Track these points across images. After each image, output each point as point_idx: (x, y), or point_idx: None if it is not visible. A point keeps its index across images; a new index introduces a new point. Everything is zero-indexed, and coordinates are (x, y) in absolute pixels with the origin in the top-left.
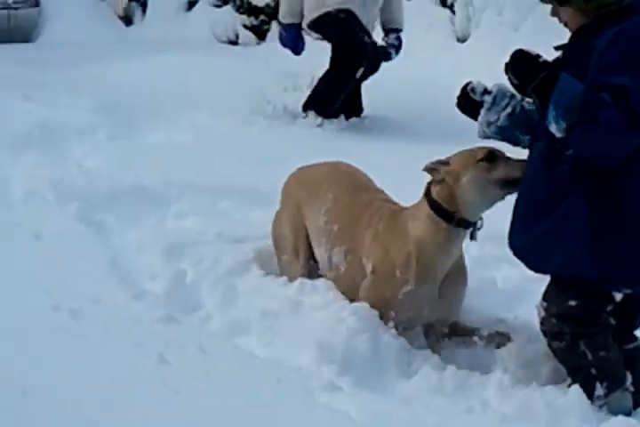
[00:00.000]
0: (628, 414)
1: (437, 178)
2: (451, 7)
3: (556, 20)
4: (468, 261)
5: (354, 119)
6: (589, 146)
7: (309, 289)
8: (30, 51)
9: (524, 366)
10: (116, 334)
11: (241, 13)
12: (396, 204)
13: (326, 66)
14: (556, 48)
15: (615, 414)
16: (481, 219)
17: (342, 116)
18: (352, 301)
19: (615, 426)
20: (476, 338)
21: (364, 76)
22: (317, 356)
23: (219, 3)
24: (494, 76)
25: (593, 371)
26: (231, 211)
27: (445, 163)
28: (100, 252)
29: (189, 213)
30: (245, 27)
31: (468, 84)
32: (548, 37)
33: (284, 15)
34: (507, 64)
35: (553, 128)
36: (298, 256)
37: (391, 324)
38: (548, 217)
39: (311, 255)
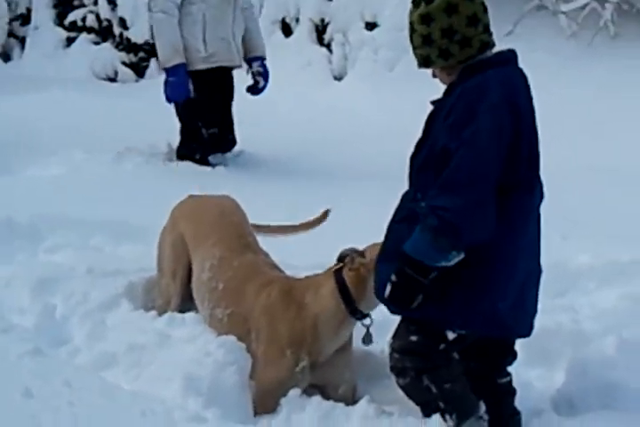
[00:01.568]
0: None
1: (352, 267)
2: (328, 46)
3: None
4: None
5: (229, 154)
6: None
7: (178, 322)
8: None
9: (390, 399)
10: None
11: (120, 50)
12: (278, 267)
13: None
14: (432, 102)
15: None
16: (371, 318)
17: (219, 154)
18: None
19: None
20: None
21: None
22: (184, 388)
23: (98, 39)
24: (369, 113)
25: (441, 404)
26: (102, 245)
27: (361, 254)
28: None
29: (61, 248)
30: (124, 64)
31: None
32: (422, 77)
33: (168, 56)
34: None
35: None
36: (175, 280)
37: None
38: (395, 262)
39: (188, 283)
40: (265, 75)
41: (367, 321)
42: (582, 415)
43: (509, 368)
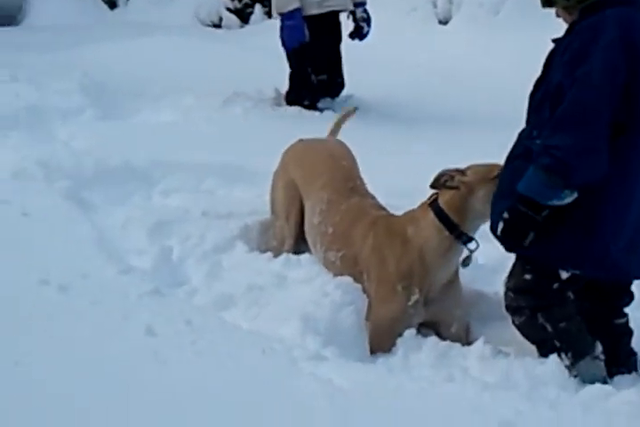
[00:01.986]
0: (602, 382)
1: (451, 185)
2: None
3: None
4: None
5: (337, 99)
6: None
7: (294, 264)
8: (15, 34)
9: (505, 340)
10: (104, 307)
11: None
12: (384, 209)
13: None
14: (553, 40)
15: (588, 382)
16: (477, 241)
17: (327, 99)
18: None
19: (592, 393)
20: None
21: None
22: (302, 328)
23: None
24: (474, 59)
25: (556, 342)
26: (216, 189)
27: (462, 172)
28: (87, 229)
29: (175, 192)
30: (229, 10)
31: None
32: (527, 21)
33: (284, 1)
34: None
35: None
36: (289, 222)
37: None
38: (514, 196)
39: (301, 225)
40: (368, 20)
41: (472, 245)
42: None
43: (626, 309)
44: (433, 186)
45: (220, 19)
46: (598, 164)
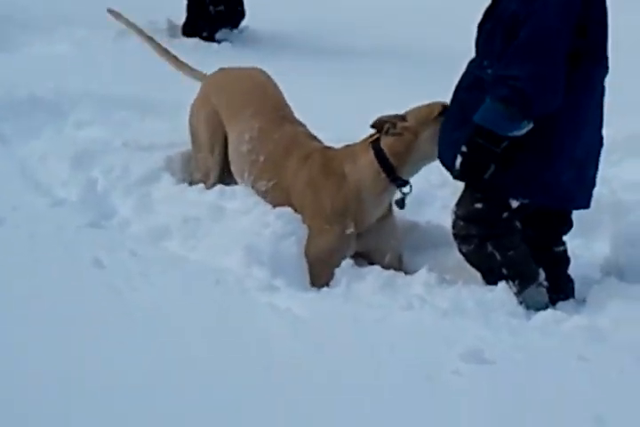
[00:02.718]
0: (545, 308)
1: (393, 132)
2: None
3: None
4: None
5: (235, 30)
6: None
7: (229, 195)
8: None
9: (444, 268)
10: (43, 240)
11: None
12: (317, 138)
13: None
14: None
15: (532, 309)
16: (410, 186)
17: (226, 29)
18: None
19: (545, 319)
20: None
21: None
22: (246, 259)
23: None
24: None
25: (504, 270)
26: (129, 121)
27: (402, 118)
28: (6, 161)
29: (88, 124)
30: None
31: None
32: None
33: None
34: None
35: None
36: (213, 154)
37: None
38: (464, 126)
39: (225, 156)
40: None
41: (406, 189)
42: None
43: (568, 238)
44: (373, 127)
45: None
46: (556, 92)
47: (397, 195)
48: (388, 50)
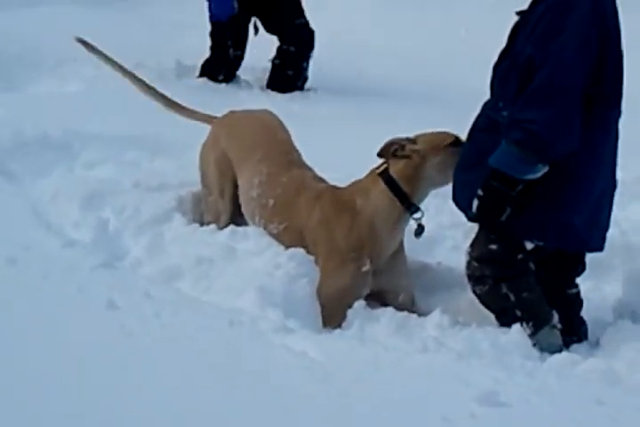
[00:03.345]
0: (559, 350)
1: (401, 154)
2: None
3: None
4: None
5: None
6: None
7: (241, 236)
8: None
9: (456, 310)
10: (57, 280)
11: None
12: (325, 181)
13: None
14: (517, 13)
15: (546, 351)
16: (422, 211)
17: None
18: None
19: (560, 361)
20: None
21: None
22: (260, 300)
23: None
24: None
25: (517, 312)
26: (139, 160)
27: (412, 141)
28: (19, 201)
29: (98, 163)
30: None
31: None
32: None
33: None
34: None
35: None
36: (224, 197)
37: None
38: (479, 168)
39: (236, 199)
40: None
41: (418, 215)
42: None
43: (579, 280)
44: (380, 155)
45: None
46: (572, 136)
47: (412, 224)
48: (400, 92)
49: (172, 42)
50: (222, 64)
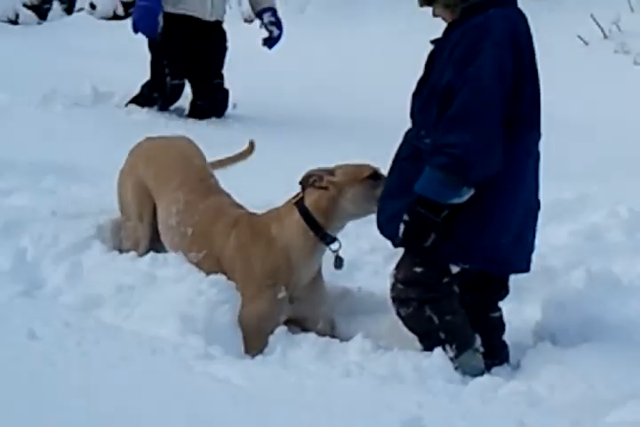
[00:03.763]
0: (481, 373)
1: (319, 185)
2: None
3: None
4: None
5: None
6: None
7: (161, 263)
8: None
9: (377, 334)
10: None
11: None
12: (242, 207)
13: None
14: (432, 41)
15: (468, 374)
16: (339, 242)
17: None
18: None
19: (482, 385)
20: None
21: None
22: (181, 327)
23: None
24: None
25: (441, 334)
26: (56, 188)
27: (330, 172)
28: None
29: (14, 191)
30: (25, 6)
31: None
32: (332, 20)
33: None
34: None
35: None
36: (143, 222)
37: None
38: (405, 197)
39: (154, 224)
40: (278, 23)
41: (335, 246)
42: (574, 347)
43: (500, 303)
44: (301, 184)
45: (17, 15)
46: (494, 157)
47: (328, 254)
48: (317, 119)
49: (87, 68)
50: (158, 95)
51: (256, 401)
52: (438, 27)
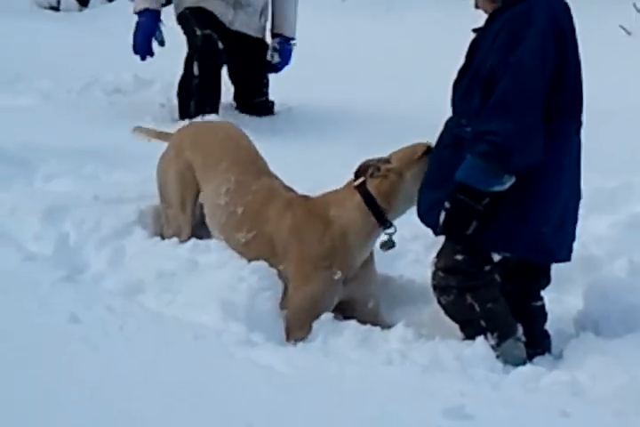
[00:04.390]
0: (523, 363)
1: (378, 175)
2: None
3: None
4: None
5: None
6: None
7: (203, 249)
8: None
9: (419, 322)
10: (18, 295)
11: None
12: (293, 190)
13: None
14: (474, 30)
15: (510, 363)
16: (395, 226)
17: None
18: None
19: (525, 374)
20: None
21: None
22: (222, 314)
23: None
24: (322, 43)
25: (482, 322)
26: (98, 173)
27: (385, 161)
28: None
29: (57, 176)
30: None
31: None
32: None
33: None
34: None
35: None
36: (185, 210)
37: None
38: (446, 185)
39: (199, 213)
40: (283, 53)
41: (391, 229)
42: (617, 337)
43: (542, 293)
44: (357, 175)
45: (59, 2)
46: (535, 145)
47: (383, 237)
48: (359, 112)
49: (128, 55)
50: (193, 48)
51: (297, 388)
52: (479, 16)
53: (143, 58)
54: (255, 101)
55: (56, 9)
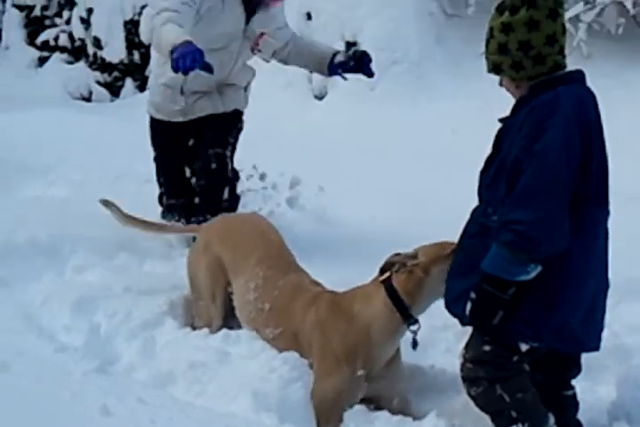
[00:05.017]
0: None
1: (404, 270)
2: None
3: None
4: None
5: None
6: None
7: (234, 339)
8: None
9: (449, 412)
10: (51, 385)
11: (94, 70)
12: (320, 284)
13: None
14: (500, 120)
15: None
16: (419, 323)
17: None
18: None
19: None
20: None
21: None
22: (253, 404)
23: (71, 59)
24: (351, 133)
25: (513, 413)
26: (129, 264)
27: (412, 256)
28: (10, 306)
29: (88, 267)
30: (99, 83)
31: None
32: (402, 98)
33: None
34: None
35: None
36: (215, 302)
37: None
38: (472, 275)
39: (229, 304)
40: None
41: (415, 327)
42: None
43: (573, 382)
44: (383, 271)
45: (90, 92)
46: (560, 236)
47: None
48: (387, 192)
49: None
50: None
51: None
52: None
53: (185, 72)
54: (209, 153)
55: (88, 100)
